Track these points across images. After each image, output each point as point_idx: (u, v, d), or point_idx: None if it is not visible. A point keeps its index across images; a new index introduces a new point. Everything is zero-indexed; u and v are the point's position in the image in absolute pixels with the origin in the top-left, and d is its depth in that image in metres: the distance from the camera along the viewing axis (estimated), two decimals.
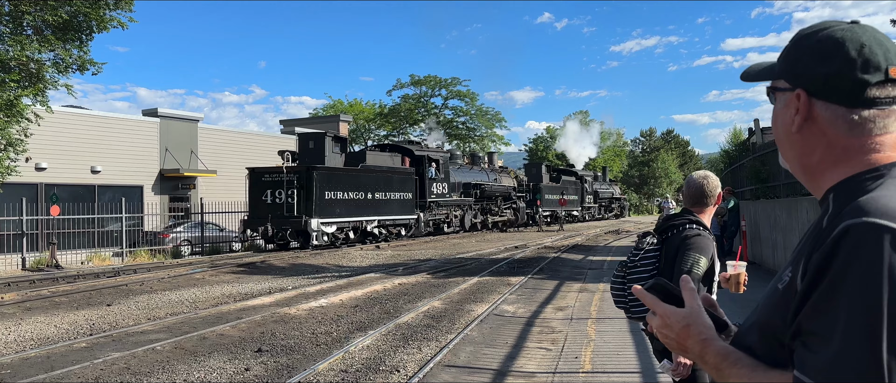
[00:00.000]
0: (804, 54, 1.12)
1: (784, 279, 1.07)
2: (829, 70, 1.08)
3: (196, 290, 12.93)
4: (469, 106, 52.13)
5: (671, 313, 1.21)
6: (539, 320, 9.08)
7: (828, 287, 0.95)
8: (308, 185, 21.94)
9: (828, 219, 1.04)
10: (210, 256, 23.00)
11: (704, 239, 3.06)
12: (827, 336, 0.93)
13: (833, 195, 1.08)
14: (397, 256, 20.25)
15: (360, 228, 24.65)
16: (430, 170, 28.41)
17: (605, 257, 18.78)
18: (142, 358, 7.14)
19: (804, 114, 1.11)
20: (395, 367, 6.65)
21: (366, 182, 24.48)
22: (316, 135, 24.57)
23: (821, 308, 0.95)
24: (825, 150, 1.11)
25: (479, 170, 34.16)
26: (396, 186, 26.15)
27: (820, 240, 1.01)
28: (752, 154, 18.75)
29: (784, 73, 1.16)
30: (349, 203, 23.67)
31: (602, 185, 52.73)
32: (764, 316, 1.11)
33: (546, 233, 32.21)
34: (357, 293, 11.92)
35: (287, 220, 21.83)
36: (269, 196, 22.43)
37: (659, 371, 6.15)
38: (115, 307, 10.84)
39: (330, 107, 52.67)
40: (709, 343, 1.14)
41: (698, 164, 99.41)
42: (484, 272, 14.84)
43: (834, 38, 1.09)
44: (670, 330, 1.20)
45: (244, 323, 9.18)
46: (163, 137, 28.08)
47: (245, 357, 7.28)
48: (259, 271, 16.80)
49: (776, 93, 1.19)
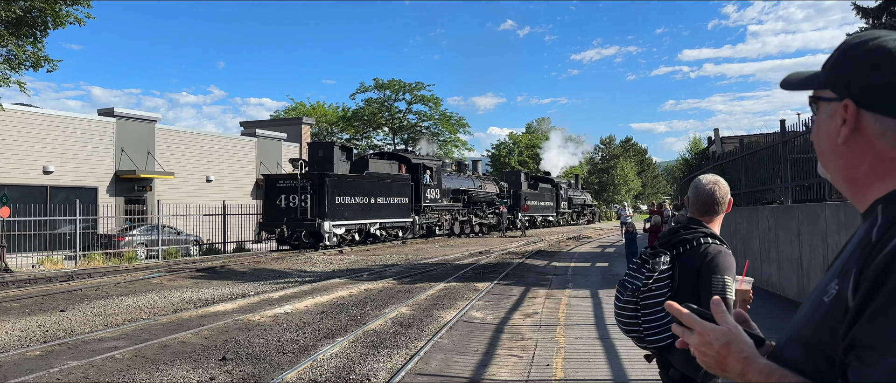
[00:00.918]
0: (853, 64, 1.09)
1: (830, 292, 1.03)
2: (881, 81, 1.04)
3: (154, 296, 12.56)
4: (433, 110, 52.14)
5: (712, 330, 1.16)
6: (508, 327, 9.04)
7: (885, 300, 0.92)
8: (320, 191, 23.90)
9: (878, 231, 1.01)
10: (168, 260, 22.47)
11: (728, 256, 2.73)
12: (884, 349, 0.90)
13: (882, 207, 1.05)
14: (361, 261, 20.05)
15: (364, 230, 26.59)
16: (425, 176, 30.60)
17: (569, 263, 18.90)
18: (101, 367, 6.87)
19: (851, 125, 1.08)
20: (366, 376, 6.53)
21: (370, 187, 26.64)
22: (325, 145, 26.73)
23: (878, 321, 0.92)
24: (873, 162, 1.08)
25: (466, 177, 36.48)
26: (395, 191, 28.39)
27: (873, 253, 0.97)
28: (711, 162, 19.10)
29: (831, 82, 1.12)
30: (356, 207, 25.78)
31: (575, 192, 55.73)
32: (808, 330, 1.07)
33: (509, 239, 32.33)
34: (322, 299, 11.73)
35: (301, 223, 23.73)
36: (283, 200, 24.39)
37: (633, 379, 6.17)
38: (70, 313, 10.45)
39: (292, 110, 52.06)
40: (751, 360, 1.10)
41: (656, 172, 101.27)
42: (450, 278, 14.78)
43: (885, 48, 1.06)
44: (710, 348, 1.15)
45: (206, 330, 8.93)
46: (119, 138, 27.35)
47: (209, 366, 7.06)
48: (219, 276, 16.44)
49: (819, 103, 1.15)
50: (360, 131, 52.58)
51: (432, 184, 31.40)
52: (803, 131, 11.06)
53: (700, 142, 51.58)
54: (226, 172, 32.22)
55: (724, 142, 26.03)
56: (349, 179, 25.81)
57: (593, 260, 20.07)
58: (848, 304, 0.98)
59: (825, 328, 1.01)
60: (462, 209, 34.30)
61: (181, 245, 25.29)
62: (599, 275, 15.59)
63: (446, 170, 34.41)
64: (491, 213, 37.58)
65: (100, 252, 22.30)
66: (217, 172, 31.72)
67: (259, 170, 34.34)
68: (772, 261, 11.59)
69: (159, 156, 28.74)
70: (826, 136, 1.13)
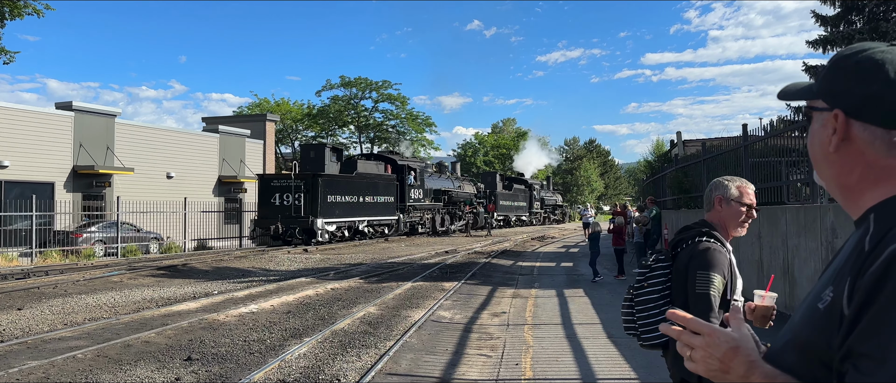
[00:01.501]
0: (843, 75, 1.12)
1: (825, 298, 1.06)
2: (868, 91, 1.07)
3: (115, 294, 12.30)
4: (400, 109, 51.99)
5: (719, 334, 1.17)
6: (476, 326, 9.09)
7: (881, 309, 0.94)
8: (313, 190, 25.28)
9: (871, 240, 1.02)
10: (127, 258, 22.00)
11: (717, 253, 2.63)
12: (881, 357, 0.92)
13: (874, 215, 1.07)
14: (327, 260, 19.91)
15: (353, 227, 28.07)
16: (410, 177, 32.18)
17: (534, 263, 19.05)
18: (62, 367, 6.71)
19: (841, 135, 1.11)
20: (335, 376, 6.49)
21: (358, 187, 28.06)
22: (317, 146, 28.53)
23: (874, 330, 0.94)
24: (864, 170, 1.10)
25: (446, 178, 38.21)
26: (382, 191, 29.94)
27: (867, 261, 0.99)
28: (674, 165, 19.47)
29: (823, 92, 1.15)
30: (346, 205, 27.19)
31: (547, 193, 57.95)
32: (803, 335, 1.09)
33: (475, 239, 32.44)
34: (288, 298, 11.63)
35: (295, 220, 25.16)
36: (277, 199, 25.80)
37: (601, 378, 6.26)
38: (28, 311, 10.17)
39: (256, 106, 51.36)
40: (756, 365, 1.12)
41: (618, 174, 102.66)
42: (417, 277, 14.77)
43: (873, 60, 1.09)
44: (716, 350, 1.16)
45: (170, 329, 8.78)
46: (77, 132, 26.67)
47: (174, 366, 6.94)
48: (181, 274, 16.17)
49: (813, 112, 1.18)
50: (326, 129, 52.11)
51: (416, 184, 32.91)
52: (763, 136, 11.34)
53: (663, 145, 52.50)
54: (187, 169, 31.66)
55: (686, 144, 26.53)
56: (340, 179, 27.05)
57: (558, 260, 20.27)
58: (843, 312, 1.00)
59: (821, 334, 1.04)
60: (442, 208, 36.01)
61: (141, 242, 24.80)
62: (565, 274, 15.76)
63: (428, 171, 35.81)
64: (469, 212, 39.37)
65: (56, 249, 21.73)
66: (178, 169, 31.16)
67: (221, 167, 33.84)
68: None
69: (119, 151, 28.11)
70: (819, 145, 1.16)
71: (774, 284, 8.21)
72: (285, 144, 53.52)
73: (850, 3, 16.93)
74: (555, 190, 64.68)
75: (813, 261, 8.38)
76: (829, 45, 17.99)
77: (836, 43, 17.76)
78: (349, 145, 53.43)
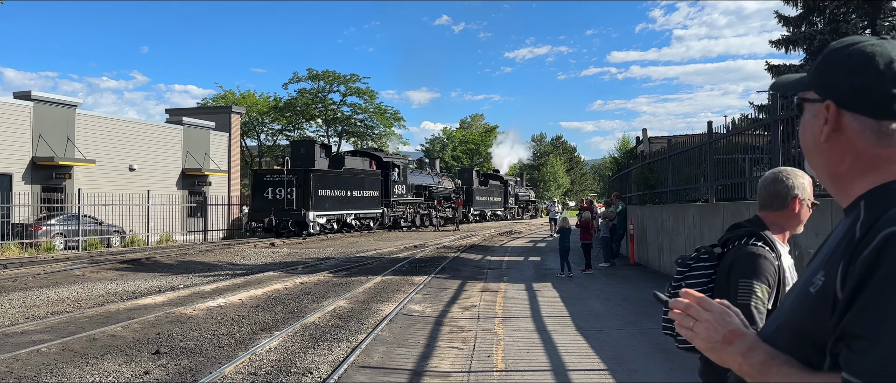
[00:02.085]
0: (834, 67, 1.17)
1: (816, 283, 1.10)
2: (859, 83, 1.12)
3: (77, 288, 12.06)
4: (368, 103, 51.67)
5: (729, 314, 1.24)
6: (448, 319, 9.13)
7: (874, 292, 0.98)
8: (305, 184, 26.76)
9: (862, 225, 1.07)
10: (89, 251, 21.55)
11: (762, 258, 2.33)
12: (875, 338, 0.96)
13: (864, 203, 1.12)
14: (295, 254, 19.77)
15: (342, 220, 29.58)
16: (393, 173, 33.62)
17: (503, 257, 19.18)
18: (26, 361, 6.56)
19: (832, 125, 1.15)
20: (308, 369, 6.47)
21: (347, 182, 29.57)
22: (307, 143, 30.05)
23: (867, 312, 0.98)
24: (854, 160, 1.15)
25: (427, 174, 39.87)
26: (368, 186, 31.41)
27: (859, 247, 1.04)
28: (640, 161, 19.74)
29: (815, 84, 1.20)
30: (335, 199, 28.68)
31: (521, 189, 59.81)
32: (795, 319, 1.14)
33: (443, 233, 32.49)
34: (257, 292, 11.53)
35: (288, 213, 26.61)
36: (270, 193, 27.17)
37: (571, 369, 6.35)
38: None
39: (220, 98, 50.54)
40: (759, 344, 1.17)
41: (584, 170, 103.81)
42: (386, 271, 14.76)
43: (864, 53, 1.14)
44: (723, 326, 1.22)
45: (137, 323, 8.64)
46: (36, 122, 25.95)
47: (142, 359, 6.85)
48: (145, 268, 15.91)
49: (805, 103, 1.23)
50: (293, 122, 51.54)
51: (399, 180, 34.35)
52: (726, 133, 11.59)
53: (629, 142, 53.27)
54: (150, 161, 31.06)
55: (652, 141, 26.93)
56: (329, 174, 28.46)
57: (526, 254, 20.44)
58: (837, 296, 1.04)
59: (813, 317, 1.08)
60: (423, 203, 37.64)
61: (103, 235, 24.30)
62: (533, 268, 15.90)
63: (410, 167, 37.19)
64: (448, 207, 41.01)
65: (15, 242, 21.18)
66: (141, 161, 30.55)
67: (185, 159, 33.27)
68: None
69: (79, 142, 27.44)
70: (811, 135, 1.21)
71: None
72: (251, 137, 52.82)
73: (812, 4, 17.40)
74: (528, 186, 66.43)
75: None
76: (792, 45, 18.45)
77: (799, 43, 18.21)
78: (317, 139, 52.97)
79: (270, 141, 52.96)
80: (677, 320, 1.30)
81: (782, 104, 8.85)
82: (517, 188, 57.80)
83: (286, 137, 52.75)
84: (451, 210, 40.77)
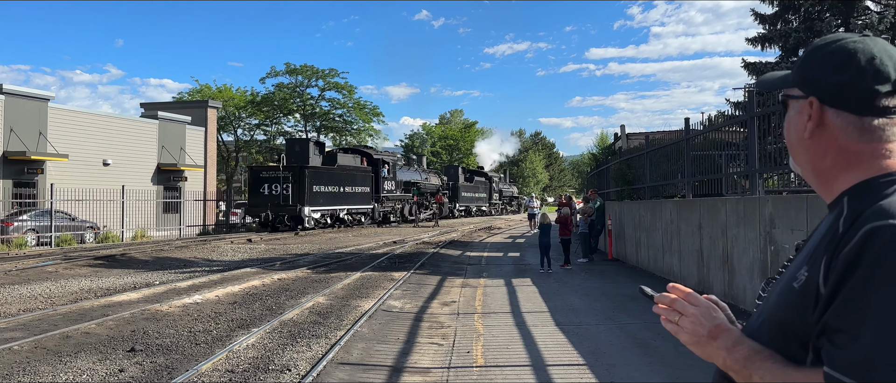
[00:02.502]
0: (817, 64, 1.18)
1: (800, 278, 1.11)
2: (841, 79, 1.14)
3: (50, 284, 11.85)
4: (346, 98, 51.36)
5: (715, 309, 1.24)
6: (427, 315, 9.11)
7: (855, 286, 0.99)
8: (300, 180, 27.72)
9: (845, 222, 1.08)
10: (62, 247, 21.21)
11: None
12: (856, 333, 0.97)
13: (847, 198, 1.13)
14: (272, 250, 19.62)
15: (335, 215, 30.57)
16: (383, 170, 34.76)
17: (482, 253, 19.20)
18: None
19: (816, 121, 1.16)
20: (286, 366, 6.42)
21: (339, 178, 30.59)
22: (301, 141, 31.32)
23: (849, 306, 0.99)
24: (837, 155, 1.16)
25: (415, 170, 41.18)
26: (360, 182, 32.44)
27: (842, 242, 1.05)
28: (618, 157, 19.87)
29: (798, 81, 1.21)
30: (329, 195, 29.70)
31: (505, 185, 61.84)
32: (779, 314, 1.14)
33: (423, 229, 32.46)
34: (234, 289, 11.41)
35: (284, 208, 27.54)
36: (266, 189, 28.08)
37: (550, 364, 6.36)
38: None
39: (197, 92, 49.89)
40: (743, 339, 1.18)
41: (562, 166, 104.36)
42: (366, 267, 14.71)
43: (846, 50, 1.15)
44: (709, 321, 1.22)
45: (111, 320, 8.51)
46: (8, 116, 25.45)
47: (117, 357, 6.74)
48: (120, 264, 15.69)
49: (790, 100, 1.24)
50: (270, 117, 51.04)
51: (389, 176, 35.54)
52: (703, 130, 11.70)
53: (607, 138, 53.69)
54: (125, 156, 30.63)
55: (630, 138, 27.13)
56: (323, 170, 29.47)
57: (505, 250, 20.48)
58: (819, 291, 1.05)
59: (797, 312, 1.09)
60: (412, 199, 38.83)
61: (76, 231, 23.92)
62: (512, 264, 15.94)
63: (399, 164, 38.39)
64: (435, 203, 41.87)
65: None
66: (115, 156, 30.12)
67: (160, 154, 32.87)
68: (674, 253, 12.22)
69: (52, 137, 26.97)
70: (795, 131, 1.22)
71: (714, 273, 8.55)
72: (228, 132, 52.25)
73: (787, 2, 17.62)
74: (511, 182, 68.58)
75: (751, 251, 8.70)
76: (768, 42, 18.68)
77: (774, 40, 18.45)
78: (294, 133, 52.56)
79: (248, 136, 52.42)
80: (663, 314, 1.29)
81: (758, 101, 8.95)
82: (501, 184, 59.50)
83: (264, 132, 52.28)
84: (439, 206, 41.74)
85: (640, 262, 14.94)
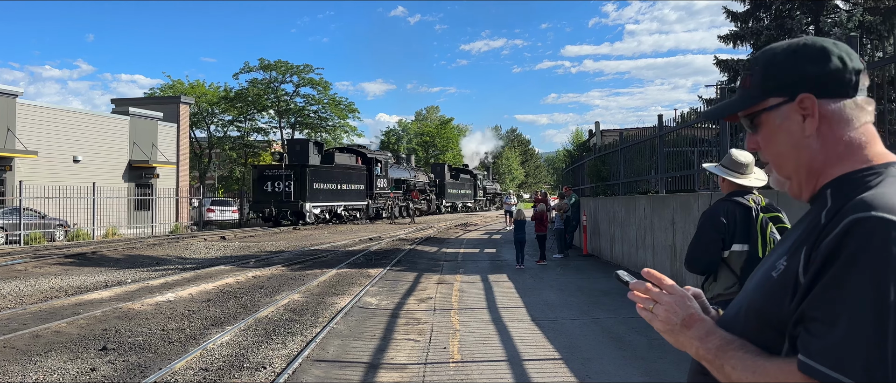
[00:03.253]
0: (792, 65, 1.19)
1: (779, 267, 1.13)
2: (825, 68, 1.16)
3: (19, 283, 11.63)
4: (321, 94, 51.02)
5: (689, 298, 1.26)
6: (403, 312, 9.11)
7: (835, 275, 1.01)
8: (302, 178, 29.81)
9: (827, 214, 1.10)
10: (31, 245, 20.81)
11: None
12: (831, 321, 0.99)
13: (831, 191, 1.15)
14: (247, 248, 19.46)
15: (333, 211, 32.54)
16: (377, 168, 36.79)
17: (458, 249, 19.24)
18: None
19: (816, 115, 1.17)
20: (261, 364, 6.38)
21: (337, 176, 32.72)
22: (302, 141, 33.56)
23: (825, 295, 1.01)
24: (831, 148, 1.18)
25: (404, 168, 43.17)
26: (355, 180, 34.63)
27: (823, 232, 1.06)
28: (593, 154, 20.03)
29: (773, 90, 1.21)
30: (328, 192, 31.68)
31: (489, 183, 64.85)
32: (757, 303, 1.15)
33: (399, 226, 32.42)
34: (207, 286, 11.30)
35: (286, 204, 29.68)
36: (269, 186, 30.10)
37: (525, 358, 6.40)
38: None
39: (169, 88, 49.24)
40: (716, 329, 1.19)
41: (538, 163, 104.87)
42: (341, 264, 14.65)
43: (811, 44, 1.19)
44: (683, 310, 1.24)
45: (82, 319, 8.38)
46: None
47: (88, 356, 6.64)
48: (91, 262, 15.45)
49: (764, 114, 1.23)
50: (244, 113, 50.53)
51: (381, 174, 37.42)
52: (675, 127, 11.84)
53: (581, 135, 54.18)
54: (96, 153, 30.12)
55: (604, 134, 27.36)
56: (323, 169, 31.44)
57: (481, 246, 20.54)
58: (798, 279, 1.07)
59: (775, 301, 1.11)
60: (402, 196, 40.84)
61: (46, 229, 23.48)
62: (488, 260, 15.99)
63: (390, 162, 40.38)
64: (423, 200, 44.23)
65: None
66: (86, 153, 29.61)
67: (132, 151, 32.38)
68: (647, 247, 12.36)
69: (21, 133, 26.42)
70: (788, 138, 1.20)
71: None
72: (201, 128, 51.67)
73: (758, 0, 17.91)
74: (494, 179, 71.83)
75: None
76: (740, 40, 18.95)
77: (746, 38, 18.73)
78: (269, 130, 52.15)
79: (221, 132, 51.84)
80: (638, 302, 1.30)
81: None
82: (485, 182, 62.29)
83: (237, 128, 51.74)
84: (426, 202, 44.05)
85: (614, 257, 15.08)
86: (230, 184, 51.00)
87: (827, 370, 0.97)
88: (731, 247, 3.65)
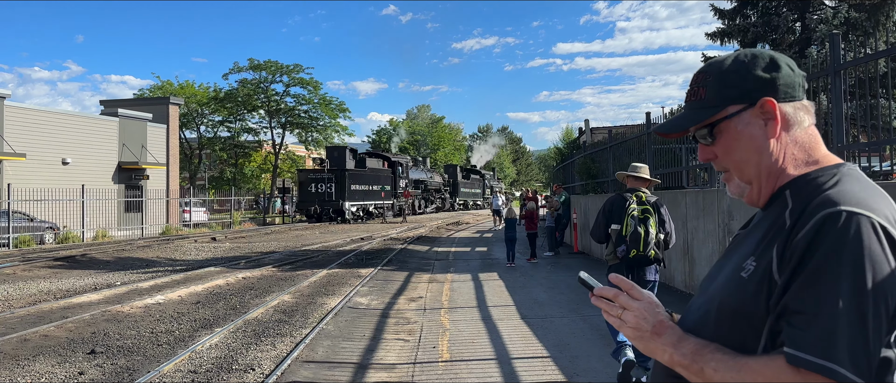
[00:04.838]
0: (746, 74, 1.24)
1: (748, 268, 1.16)
2: (779, 74, 1.22)
3: (7, 287, 11.57)
4: (312, 94, 50.85)
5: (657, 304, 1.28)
6: (394, 311, 9.13)
7: (814, 269, 1.05)
8: (341, 180, 33.84)
9: (791, 214, 1.14)
10: (20, 249, 20.69)
11: None
12: (815, 312, 1.03)
13: (790, 191, 1.19)
14: (237, 249, 19.42)
15: (366, 209, 36.59)
16: (399, 170, 41.33)
17: (450, 248, 19.25)
18: None
19: (778, 118, 1.22)
20: (250, 365, 6.38)
21: (369, 178, 37.08)
22: (339, 148, 37.22)
23: (808, 288, 1.05)
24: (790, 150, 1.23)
25: (422, 170, 48.22)
26: (383, 181, 39.00)
27: (792, 234, 1.10)
28: (583, 151, 20.08)
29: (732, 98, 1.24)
30: (362, 192, 35.93)
31: (496, 182, 69.70)
32: (729, 303, 1.17)
33: (391, 225, 32.40)
34: (197, 288, 11.27)
35: (328, 203, 33.79)
36: (313, 188, 34.17)
37: (514, 357, 6.43)
38: None
39: (158, 89, 48.96)
40: (687, 335, 1.21)
41: (529, 160, 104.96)
42: (332, 264, 14.64)
43: (761, 54, 1.25)
44: (652, 316, 1.25)
45: (71, 322, 8.35)
46: None
47: (77, 360, 6.63)
48: (80, 265, 15.38)
49: (724, 122, 1.26)
50: (234, 113, 50.29)
51: (403, 176, 41.76)
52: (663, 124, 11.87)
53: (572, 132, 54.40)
54: (85, 155, 29.95)
55: (594, 132, 27.43)
56: (358, 172, 35.57)
57: (472, 245, 20.57)
58: (773, 277, 1.10)
59: (749, 299, 1.13)
60: (420, 195, 45.59)
61: (35, 232, 23.35)
62: (479, 259, 16.02)
63: (410, 165, 44.76)
64: (438, 198, 49.33)
65: None
66: (75, 154, 29.44)
67: (122, 152, 32.22)
68: None
69: (9, 136, 26.25)
70: (748, 144, 1.24)
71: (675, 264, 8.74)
72: (190, 129, 51.43)
73: None
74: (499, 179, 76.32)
75: (711, 242, 8.89)
76: (727, 37, 19.02)
77: (733, 35, 18.80)
78: (259, 130, 51.91)
79: (211, 132, 51.61)
80: (604, 307, 1.31)
81: None
82: (491, 181, 67.17)
83: (227, 129, 51.51)
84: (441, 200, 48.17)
85: (605, 255, 15.12)
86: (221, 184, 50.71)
87: (816, 359, 1.01)
88: (610, 225, 5.71)
